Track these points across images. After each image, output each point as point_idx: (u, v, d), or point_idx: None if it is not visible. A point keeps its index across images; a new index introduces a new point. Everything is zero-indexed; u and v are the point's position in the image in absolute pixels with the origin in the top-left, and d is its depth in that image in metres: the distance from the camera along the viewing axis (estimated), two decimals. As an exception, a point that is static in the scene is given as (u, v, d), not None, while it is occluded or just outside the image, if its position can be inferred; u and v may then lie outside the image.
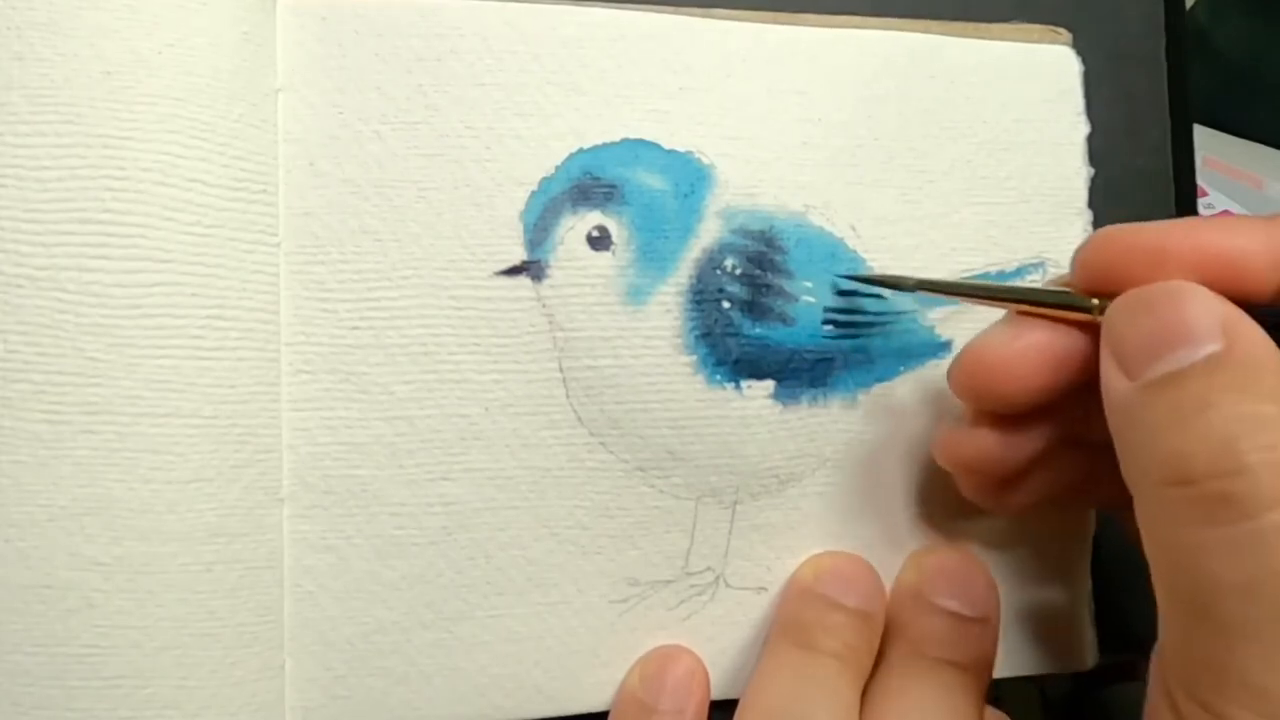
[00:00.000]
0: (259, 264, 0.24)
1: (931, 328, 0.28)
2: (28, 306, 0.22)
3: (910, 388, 0.28)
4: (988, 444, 0.24)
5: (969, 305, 0.28)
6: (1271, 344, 0.19)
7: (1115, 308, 0.21)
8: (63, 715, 0.22)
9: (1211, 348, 0.19)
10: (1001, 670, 0.26)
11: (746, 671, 0.26)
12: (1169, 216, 0.30)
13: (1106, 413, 0.21)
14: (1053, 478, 0.25)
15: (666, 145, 0.26)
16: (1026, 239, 0.28)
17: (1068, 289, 0.23)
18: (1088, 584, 0.29)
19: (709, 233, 0.26)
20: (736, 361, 0.26)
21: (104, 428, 0.22)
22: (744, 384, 0.26)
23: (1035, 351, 0.23)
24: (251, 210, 0.24)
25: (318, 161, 0.25)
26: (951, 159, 0.28)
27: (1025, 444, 0.24)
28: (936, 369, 0.28)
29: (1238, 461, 0.18)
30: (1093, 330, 0.22)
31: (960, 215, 0.28)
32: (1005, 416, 0.24)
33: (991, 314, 0.25)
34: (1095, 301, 0.22)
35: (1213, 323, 0.19)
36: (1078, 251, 0.23)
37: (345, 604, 0.25)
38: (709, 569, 0.27)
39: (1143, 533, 0.20)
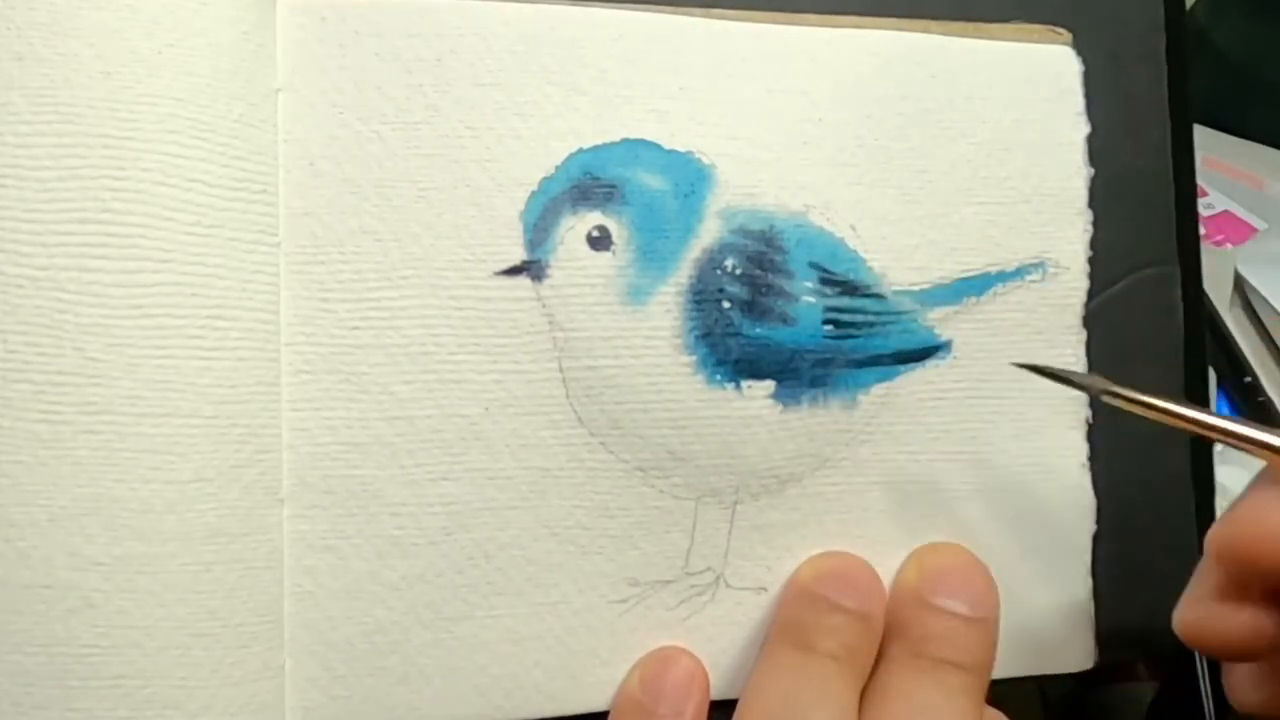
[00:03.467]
0: (259, 264, 0.24)
1: (931, 328, 0.28)
2: (28, 306, 0.22)
3: (910, 388, 0.27)
4: (1253, 622, 0.22)
5: (966, 308, 0.28)
6: None
7: None
8: (63, 715, 0.22)
9: None
10: (1001, 670, 0.26)
11: (747, 672, 0.26)
12: (1169, 217, 0.30)
13: None
14: None
15: (666, 145, 0.26)
16: (1026, 239, 0.28)
17: (1268, 430, 0.22)
18: (1088, 584, 0.29)
19: (709, 233, 0.26)
20: (736, 361, 0.26)
21: (104, 428, 0.22)
22: (744, 384, 0.26)
23: None
24: (251, 210, 0.24)
25: (318, 161, 0.25)
26: (951, 159, 0.28)
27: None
28: (936, 369, 0.28)
29: None
30: None
31: (960, 215, 0.28)
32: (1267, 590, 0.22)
33: (989, 314, 0.25)
34: None
35: None
36: None
37: (345, 604, 0.25)
38: (709, 569, 0.27)
39: None
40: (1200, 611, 0.22)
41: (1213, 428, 0.23)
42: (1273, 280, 0.41)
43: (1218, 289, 0.42)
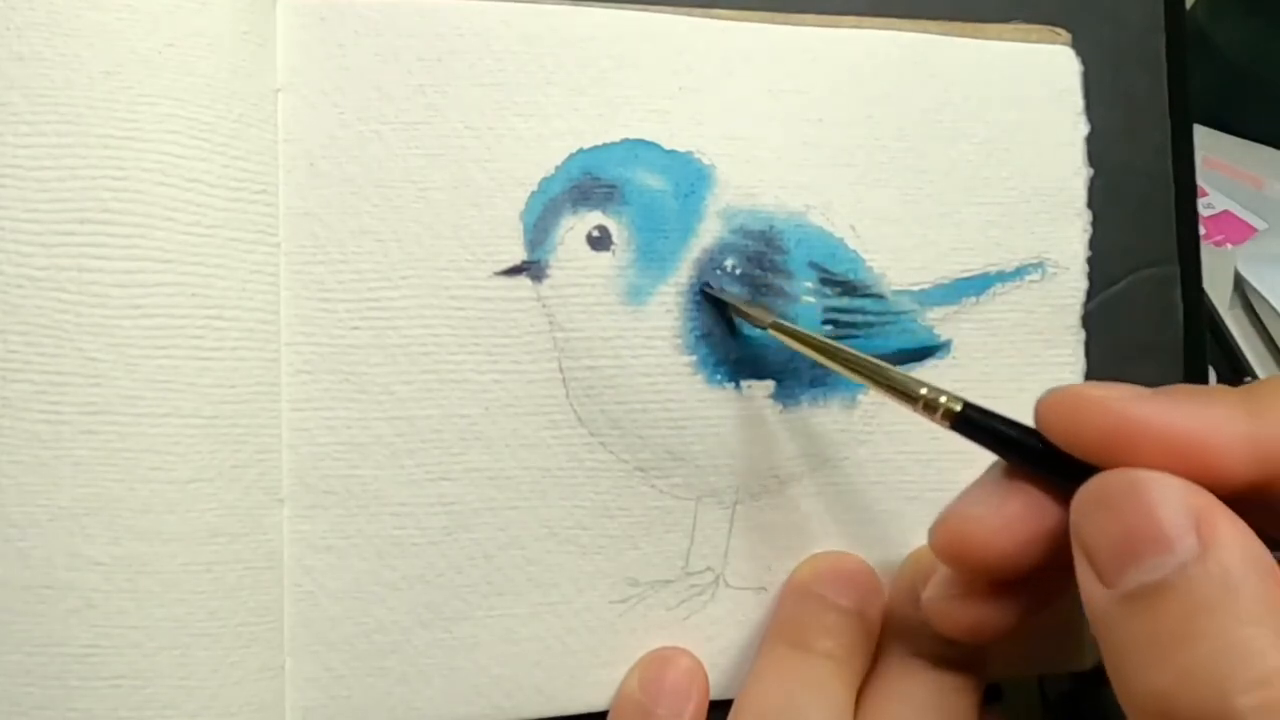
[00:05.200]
0: (259, 264, 0.24)
1: (931, 328, 0.28)
2: (28, 306, 0.22)
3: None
4: (980, 613, 0.22)
5: (966, 308, 0.28)
6: (1251, 539, 0.18)
7: (1078, 502, 0.19)
8: (63, 715, 0.22)
9: (1185, 552, 0.17)
10: (1001, 670, 0.26)
11: (746, 671, 0.26)
12: (1169, 217, 0.30)
13: (1088, 616, 0.19)
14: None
15: (666, 145, 0.26)
16: (1026, 239, 0.28)
17: (914, 378, 0.22)
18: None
19: (709, 233, 0.26)
20: (736, 361, 0.26)
21: (104, 428, 0.22)
22: (744, 384, 0.26)
23: (1020, 522, 0.21)
24: (251, 210, 0.24)
25: (318, 162, 0.25)
26: (951, 159, 0.28)
27: (1016, 608, 0.22)
28: (936, 369, 0.28)
29: (1226, 708, 0.16)
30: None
31: (960, 215, 0.28)
32: (994, 582, 0.22)
33: (989, 314, 0.25)
34: (923, 392, 0.22)
35: (1185, 520, 0.18)
36: (1039, 404, 0.21)
37: (345, 604, 0.25)
38: (709, 569, 0.27)
39: None
40: (936, 594, 0.23)
41: (864, 372, 0.23)
42: (1273, 280, 0.41)
43: (1218, 289, 0.42)
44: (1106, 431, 0.20)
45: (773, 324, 0.25)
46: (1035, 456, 0.21)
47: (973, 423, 0.22)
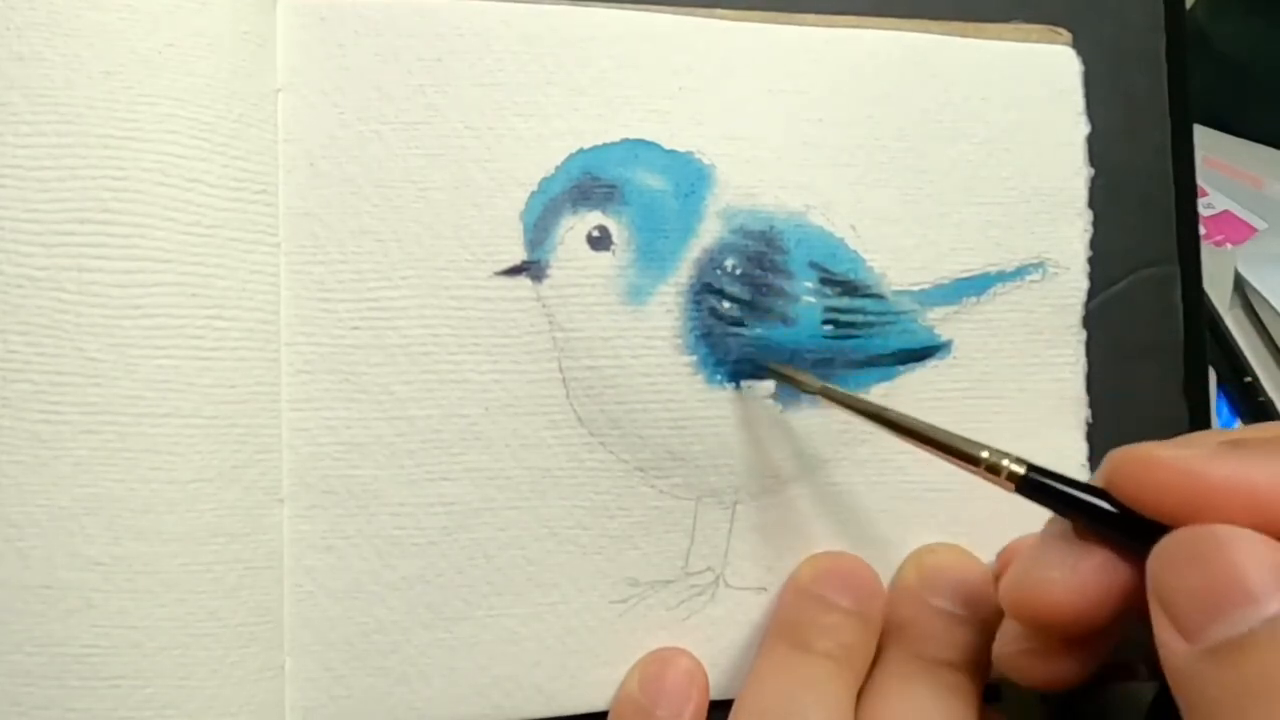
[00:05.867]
0: (259, 264, 0.24)
1: (931, 328, 0.28)
2: (28, 306, 0.22)
3: (910, 388, 0.27)
4: (1055, 666, 0.22)
5: (966, 308, 0.28)
6: None
7: (1158, 556, 0.19)
8: (63, 715, 0.22)
9: (1272, 606, 0.17)
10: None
11: (746, 671, 0.26)
12: (1169, 217, 0.30)
13: (1165, 671, 0.19)
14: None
15: (667, 145, 0.26)
16: (1026, 239, 0.28)
17: (974, 441, 0.22)
18: (1088, 584, 0.28)
19: (709, 233, 0.26)
20: (736, 361, 0.26)
21: (104, 428, 0.22)
22: (744, 384, 0.26)
23: (1094, 583, 0.21)
24: (251, 210, 0.24)
25: (318, 161, 0.25)
26: (951, 159, 0.28)
27: (1089, 658, 0.22)
28: (936, 369, 0.28)
29: None
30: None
31: (960, 215, 0.28)
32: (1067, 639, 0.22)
33: (989, 314, 0.25)
34: (985, 455, 0.22)
35: (1270, 575, 0.18)
36: (1108, 467, 0.21)
37: (345, 604, 0.25)
38: (709, 569, 0.27)
39: None
40: (1010, 649, 0.23)
41: (921, 436, 0.23)
42: (1273, 280, 0.41)
43: (1218, 289, 0.42)
44: (1182, 493, 0.20)
45: (821, 389, 0.25)
46: (1105, 518, 0.21)
47: (1038, 486, 0.22)
